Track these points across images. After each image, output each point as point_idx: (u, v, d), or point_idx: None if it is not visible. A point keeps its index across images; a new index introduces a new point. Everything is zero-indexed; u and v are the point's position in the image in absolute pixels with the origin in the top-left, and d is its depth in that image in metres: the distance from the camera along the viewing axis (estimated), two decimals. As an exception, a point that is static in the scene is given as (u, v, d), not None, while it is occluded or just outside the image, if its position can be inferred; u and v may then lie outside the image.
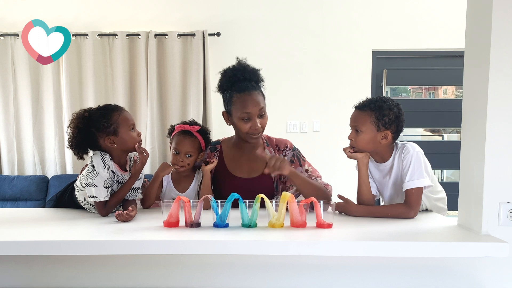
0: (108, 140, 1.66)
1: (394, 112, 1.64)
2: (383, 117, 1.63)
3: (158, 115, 3.92)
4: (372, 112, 1.64)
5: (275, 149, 1.96)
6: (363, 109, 1.67)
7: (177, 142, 1.87)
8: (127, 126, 1.68)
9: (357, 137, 1.67)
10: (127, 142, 1.68)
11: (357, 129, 1.66)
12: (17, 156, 3.96)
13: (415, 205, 1.60)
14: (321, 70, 3.96)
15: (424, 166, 1.63)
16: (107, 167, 1.65)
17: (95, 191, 1.62)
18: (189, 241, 1.29)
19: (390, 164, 1.69)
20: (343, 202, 1.65)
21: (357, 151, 1.69)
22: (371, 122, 1.64)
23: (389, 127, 1.64)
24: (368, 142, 1.66)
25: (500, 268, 1.42)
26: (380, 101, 1.65)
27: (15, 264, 1.49)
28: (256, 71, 1.89)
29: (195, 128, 1.89)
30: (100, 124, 1.65)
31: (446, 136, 4.75)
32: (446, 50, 3.96)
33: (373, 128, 1.64)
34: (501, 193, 1.38)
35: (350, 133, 1.70)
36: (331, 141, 3.92)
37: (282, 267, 1.47)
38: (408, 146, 1.65)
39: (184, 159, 1.85)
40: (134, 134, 1.70)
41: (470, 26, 1.48)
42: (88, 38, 3.87)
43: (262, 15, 3.95)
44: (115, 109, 1.71)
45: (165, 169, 1.85)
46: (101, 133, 1.66)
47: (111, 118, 1.67)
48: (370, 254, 1.36)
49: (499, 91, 1.35)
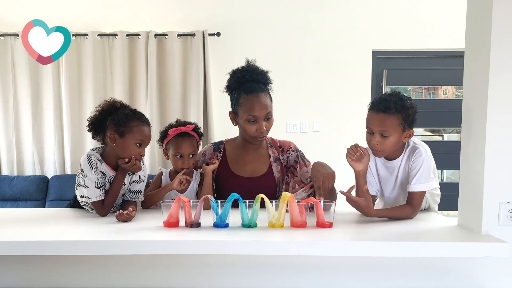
0: (111, 135, 1.65)
1: (414, 107, 1.59)
2: (408, 117, 1.56)
3: (158, 115, 3.92)
4: (398, 114, 1.55)
5: (278, 150, 1.96)
6: (388, 112, 1.55)
7: (177, 146, 1.84)
8: (136, 139, 1.67)
9: (385, 142, 1.57)
10: (125, 150, 1.66)
11: (385, 134, 1.56)
12: (17, 156, 3.96)
13: (417, 206, 1.61)
14: (321, 70, 3.96)
15: (432, 168, 1.64)
16: (94, 168, 1.64)
17: (86, 192, 1.63)
18: (189, 241, 1.29)
19: (398, 163, 1.67)
20: (365, 202, 1.52)
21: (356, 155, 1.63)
22: (399, 124, 1.56)
23: (412, 125, 1.59)
24: (395, 145, 1.60)
25: (500, 268, 1.42)
26: (399, 100, 1.56)
27: (15, 264, 1.49)
28: (265, 73, 1.89)
29: (191, 127, 1.87)
30: (118, 118, 1.66)
31: (446, 136, 4.75)
32: (446, 50, 3.96)
33: (400, 130, 1.57)
34: (501, 193, 1.38)
35: (373, 137, 1.58)
36: (331, 141, 3.93)
37: (282, 267, 1.47)
38: (421, 150, 1.61)
39: (189, 161, 1.85)
40: (137, 149, 1.67)
41: (470, 26, 1.48)
42: (88, 38, 3.87)
43: (262, 15, 3.95)
44: (140, 119, 1.71)
45: (176, 183, 1.78)
46: (112, 125, 1.66)
47: (130, 121, 1.66)
48: (370, 254, 1.36)
49: (499, 91, 1.35)
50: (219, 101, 3.82)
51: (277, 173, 1.92)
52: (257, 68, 1.89)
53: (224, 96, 1.95)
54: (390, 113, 1.55)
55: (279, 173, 1.92)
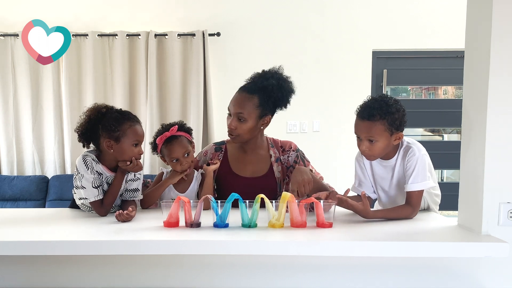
0: (107, 143, 1.65)
1: (400, 112, 1.59)
2: (394, 122, 1.57)
3: (158, 115, 3.92)
4: (383, 120, 1.56)
5: (279, 150, 1.96)
6: (373, 119, 1.57)
7: (168, 151, 1.84)
8: (132, 140, 1.67)
9: (373, 147, 1.59)
10: (123, 153, 1.66)
11: (372, 139, 1.58)
12: (17, 156, 3.96)
13: (416, 206, 1.61)
14: (321, 70, 3.96)
15: (428, 166, 1.64)
16: (90, 168, 1.64)
17: (84, 193, 1.63)
18: (189, 241, 1.29)
19: (394, 162, 1.68)
20: (362, 206, 1.53)
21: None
22: (385, 129, 1.57)
23: (399, 129, 1.60)
24: (384, 149, 1.61)
25: (500, 268, 1.42)
26: (385, 105, 1.57)
27: (15, 264, 1.49)
28: (274, 82, 1.86)
29: (175, 129, 1.85)
30: (108, 125, 1.65)
31: (446, 136, 4.75)
32: (446, 50, 3.96)
33: (387, 134, 1.58)
34: (501, 193, 1.38)
35: (362, 143, 1.61)
36: (331, 141, 3.93)
37: (282, 267, 1.47)
38: (414, 149, 1.62)
39: (186, 160, 1.84)
40: (135, 149, 1.68)
41: (470, 26, 1.48)
42: (88, 38, 3.87)
43: (262, 15, 3.95)
44: (130, 119, 1.70)
45: (175, 177, 1.84)
46: (105, 133, 1.66)
47: (121, 125, 1.66)
48: (370, 254, 1.36)
49: (499, 91, 1.35)
50: (219, 101, 3.82)
51: (278, 173, 1.92)
52: (274, 74, 1.88)
53: (224, 96, 1.96)
54: (375, 120, 1.57)
55: (280, 174, 1.92)
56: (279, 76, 1.88)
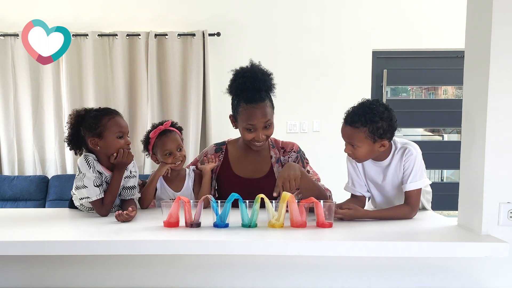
0: (92, 141, 1.67)
1: (385, 120, 1.56)
2: (377, 130, 1.55)
3: (159, 115, 3.92)
4: (364, 127, 1.55)
5: (280, 151, 1.96)
6: (354, 125, 1.57)
7: (163, 144, 1.87)
8: (114, 132, 1.68)
9: (356, 151, 1.60)
10: (110, 147, 1.67)
11: (353, 144, 1.59)
12: (17, 156, 3.96)
13: (416, 205, 1.61)
14: (321, 70, 3.96)
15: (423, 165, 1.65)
16: (92, 167, 1.66)
17: (86, 192, 1.64)
18: (189, 241, 1.29)
19: (388, 162, 1.68)
20: (352, 210, 1.55)
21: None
22: (366, 137, 1.56)
23: (384, 137, 1.58)
24: (367, 154, 1.61)
25: (500, 268, 1.42)
26: (369, 112, 1.55)
27: (15, 264, 1.49)
28: (266, 80, 1.85)
29: (169, 123, 1.91)
30: (89, 124, 1.67)
31: (446, 136, 4.75)
32: (446, 50, 3.96)
33: (369, 141, 1.57)
34: (501, 193, 1.38)
35: (346, 146, 1.62)
36: (331, 141, 3.91)
37: (282, 267, 1.47)
38: (411, 149, 1.63)
39: (180, 154, 1.87)
40: (120, 141, 1.68)
41: (470, 26, 1.48)
42: (88, 38, 3.87)
43: (262, 15, 3.95)
44: (108, 113, 1.71)
45: (162, 168, 1.86)
46: (87, 132, 1.68)
47: (100, 120, 1.67)
48: (370, 254, 1.36)
49: (499, 91, 1.35)
50: (219, 101, 3.83)
51: (278, 174, 1.91)
52: (260, 73, 1.84)
53: (223, 96, 1.95)
54: (356, 127, 1.56)
55: None
56: (256, 69, 1.86)
